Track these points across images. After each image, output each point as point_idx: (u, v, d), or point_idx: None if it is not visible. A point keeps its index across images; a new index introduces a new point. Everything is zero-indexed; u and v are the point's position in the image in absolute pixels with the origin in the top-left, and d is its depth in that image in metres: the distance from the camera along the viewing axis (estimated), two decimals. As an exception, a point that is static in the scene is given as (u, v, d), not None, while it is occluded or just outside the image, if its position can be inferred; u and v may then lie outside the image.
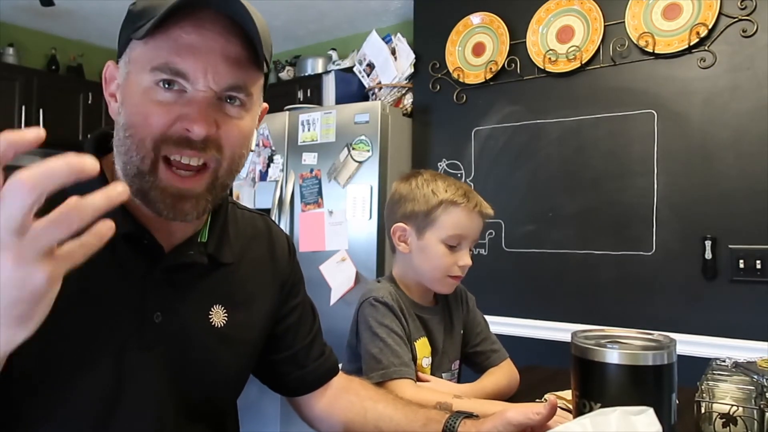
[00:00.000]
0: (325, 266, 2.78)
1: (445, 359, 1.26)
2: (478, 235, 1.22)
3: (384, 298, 1.16)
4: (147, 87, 0.65)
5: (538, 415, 0.78)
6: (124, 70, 0.68)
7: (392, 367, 1.09)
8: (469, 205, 1.19)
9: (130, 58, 0.67)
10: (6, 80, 3.59)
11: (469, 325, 1.33)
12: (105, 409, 0.67)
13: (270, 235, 0.90)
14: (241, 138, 0.70)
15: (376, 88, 3.07)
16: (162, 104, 0.64)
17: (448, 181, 1.22)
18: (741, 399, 0.94)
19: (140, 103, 0.65)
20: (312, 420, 0.95)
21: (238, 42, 0.65)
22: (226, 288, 0.79)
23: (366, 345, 1.13)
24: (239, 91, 0.67)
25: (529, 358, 1.85)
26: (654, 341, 0.73)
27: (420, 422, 0.88)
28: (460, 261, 1.18)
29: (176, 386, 0.72)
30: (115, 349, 0.67)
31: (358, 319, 1.19)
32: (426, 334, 1.23)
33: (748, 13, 2.06)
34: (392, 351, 1.11)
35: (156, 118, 0.64)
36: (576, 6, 2.42)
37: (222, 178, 0.69)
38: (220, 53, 0.64)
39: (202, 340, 0.75)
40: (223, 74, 0.65)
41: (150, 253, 0.70)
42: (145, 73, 0.64)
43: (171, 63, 0.63)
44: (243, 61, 0.66)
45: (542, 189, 2.50)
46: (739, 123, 2.08)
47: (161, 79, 0.64)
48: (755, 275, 2.01)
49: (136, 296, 0.69)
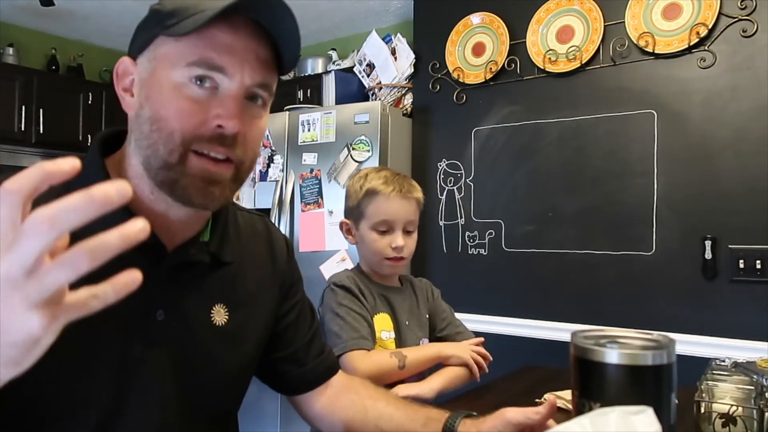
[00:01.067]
0: (325, 266, 2.78)
1: (411, 335, 1.34)
2: (409, 217, 1.30)
3: (341, 281, 1.27)
4: (179, 83, 0.66)
5: (537, 414, 0.79)
6: (148, 65, 0.69)
7: (350, 341, 1.19)
8: (389, 191, 1.28)
9: (156, 54, 0.68)
10: (6, 80, 3.58)
11: (435, 311, 1.43)
12: (110, 407, 0.67)
13: (269, 235, 0.91)
14: (260, 136, 0.74)
15: (376, 88, 3.08)
16: (195, 101, 0.67)
17: (380, 173, 1.32)
18: (741, 399, 0.94)
19: (171, 98, 0.66)
20: (312, 419, 0.95)
21: (267, 44, 0.70)
22: (227, 287, 0.80)
23: (328, 324, 1.23)
24: (265, 89, 0.71)
25: (529, 358, 1.85)
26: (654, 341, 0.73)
27: (420, 421, 0.88)
28: (392, 243, 1.28)
29: (179, 384, 0.73)
30: (119, 347, 0.68)
31: (322, 306, 1.28)
32: (389, 310, 1.33)
33: (748, 13, 2.06)
34: (351, 327, 1.21)
35: (188, 114, 0.66)
36: (576, 6, 2.42)
37: (243, 173, 0.72)
38: (253, 52, 0.68)
39: (203, 339, 0.75)
40: (257, 71, 0.69)
41: (153, 252, 0.71)
42: (178, 69, 0.66)
43: (209, 59, 0.66)
44: (270, 62, 0.71)
45: (542, 189, 2.50)
46: (739, 123, 2.08)
47: (197, 75, 0.66)
48: (755, 275, 2.01)
49: (139, 294, 0.69)
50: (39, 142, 3.67)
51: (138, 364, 0.69)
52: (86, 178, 0.68)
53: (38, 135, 3.67)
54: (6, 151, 3.54)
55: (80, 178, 0.70)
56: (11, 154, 3.56)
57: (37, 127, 3.67)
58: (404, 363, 1.22)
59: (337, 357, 1.13)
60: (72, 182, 0.64)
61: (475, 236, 2.67)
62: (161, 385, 0.71)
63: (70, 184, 0.66)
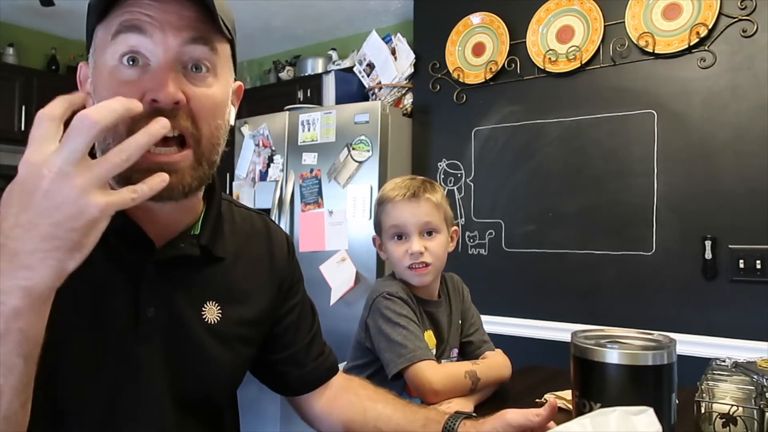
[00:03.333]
0: (325, 266, 2.78)
1: (447, 348, 1.30)
2: (421, 219, 1.24)
3: (398, 293, 1.22)
4: (112, 66, 0.64)
5: (537, 417, 0.78)
6: (92, 61, 0.68)
7: (419, 351, 1.14)
8: (394, 196, 1.25)
9: (95, 46, 0.67)
10: (6, 80, 3.58)
11: (465, 316, 1.38)
12: (101, 404, 0.67)
13: (269, 234, 0.90)
14: (213, 106, 0.68)
15: (376, 88, 3.07)
16: (128, 83, 0.64)
17: (395, 181, 1.30)
18: (741, 399, 0.94)
19: (107, 86, 0.64)
20: (312, 420, 0.95)
21: (193, 7, 0.65)
22: (220, 284, 0.79)
23: (389, 334, 1.17)
24: (205, 54, 0.66)
25: (529, 358, 1.85)
26: (654, 341, 0.73)
27: (419, 422, 0.88)
28: (409, 249, 1.23)
29: (171, 381, 0.72)
30: (111, 344, 0.68)
31: (371, 314, 1.22)
32: (432, 327, 1.28)
33: (748, 13, 2.06)
34: (416, 336, 1.17)
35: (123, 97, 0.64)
36: (576, 6, 2.42)
37: (205, 152, 0.68)
38: (175, 13, 0.64)
39: (194, 336, 0.75)
40: (183, 29, 0.64)
41: (142, 248, 0.70)
42: (108, 49, 0.64)
43: (126, 21, 0.63)
44: (201, 19, 0.66)
45: (542, 189, 2.50)
46: (739, 123, 2.08)
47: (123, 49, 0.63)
48: (755, 275, 2.01)
49: (130, 291, 0.70)
50: (39, 142, 3.67)
51: (129, 361, 0.69)
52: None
53: (38, 135, 3.67)
54: (6, 151, 3.54)
55: None
56: (11, 154, 3.56)
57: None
58: (476, 385, 1.17)
59: (405, 367, 1.11)
60: None
61: (475, 236, 2.67)
62: (154, 381, 0.71)
63: None
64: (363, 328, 1.24)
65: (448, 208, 1.31)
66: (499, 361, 1.29)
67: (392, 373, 1.14)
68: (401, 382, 1.17)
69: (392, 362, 1.14)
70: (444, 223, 1.28)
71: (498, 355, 1.32)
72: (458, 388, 1.15)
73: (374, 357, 1.22)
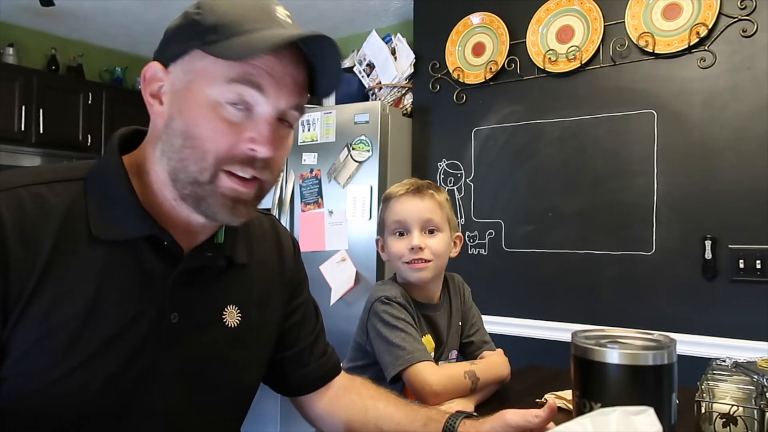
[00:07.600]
0: (325, 266, 2.78)
1: (446, 350, 1.30)
2: (424, 214, 1.25)
3: (396, 297, 1.22)
4: (216, 101, 0.66)
5: (536, 418, 0.79)
6: (183, 77, 0.68)
7: (417, 352, 1.15)
8: (398, 192, 1.27)
9: (193, 68, 0.67)
10: (6, 80, 3.58)
11: (466, 317, 1.38)
12: (121, 409, 0.67)
13: (277, 235, 0.91)
14: (286, 156, 0.74)
15: (376, 88, 3.08)
16: (230, 123, 0.66)
17: (402, 182, 1.31)
18: (741, 399, 0.94)
19: (207, 116, 0.66)
20: (313, 419, 0.95)
21: (304, 69, 0.70)
22: (239, 288, 0.80)
23: (387, 337, 1.17)
24: (297, 111, 0.71)
25: (529, 358, 1.85)
26: (654, 341, 0.73)
27: (420, 422, 0.88)
28: (409, 244, 1.23)
29: (190, 387, 0.73)
30: (133, 348, 0.68)
31: (370, 317, 1.22)
32: (431, 331, 1.28)
33: (748, 13, 2.06)
34: (415, 339, 1.17)
35: (223, 135, 0.66)
36: (576, 6, 2.42)
37: (266, 190, 0.73)
38: (291, 76, 0.68)
39: (215, 340, 0.76)
40: (293, 95, 0.69)
41: (171, 255, 0.71)
42: (217, 87, 0.65)
43: (249, 75, 0.65)
44: (304, 86, 0.71)
45: (542, 189, 2.50)
46: (739, 123, 2.08)
47: (235, 94, 0.66)
48: (755, 275, 2.01)
49: (157, 297, 0.70)
50: (39, 142, 3.67)
51: (150, 367, 0.69)
52: (105, 177, 0.69)
53: (38, 135, 3.67)
54: (6, 151, 3.54)
55: (99, 175, 0.72)
56: (11, 154, 3.56)
57: (37, 127, 3.67)
58: (476, 385, 1.17)
59: (403, 369, 1.12)
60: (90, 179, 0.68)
61: (475, 236, 2.67)
62: (172, 386, 0.71)
63: (88, 180, 0.69)
64: (364, 331, 1.24)
65: (452, 213, 1.31)
66: (497, 360, 1.29)
67: (391, 375, 1.14)
68: (400, 385, 1.17)
69: (390, 365, 1.14)
70: (446, 224, 1.28)
71: (496, 355, 1.32)
72: (458, 388, 1.15)
73: (375, 359, 1.22)
